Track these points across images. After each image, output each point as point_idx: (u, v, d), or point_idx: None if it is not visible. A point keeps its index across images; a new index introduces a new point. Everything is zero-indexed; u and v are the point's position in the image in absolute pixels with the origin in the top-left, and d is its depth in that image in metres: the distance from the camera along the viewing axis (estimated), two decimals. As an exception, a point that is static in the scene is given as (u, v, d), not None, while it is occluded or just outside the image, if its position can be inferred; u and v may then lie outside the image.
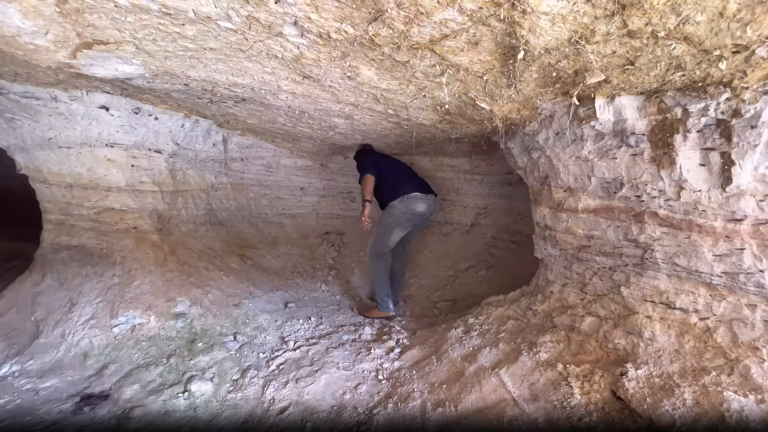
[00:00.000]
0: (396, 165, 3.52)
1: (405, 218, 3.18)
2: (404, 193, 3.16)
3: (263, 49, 1.65)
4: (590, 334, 1.86)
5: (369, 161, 3.34)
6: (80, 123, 2.79)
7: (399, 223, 3.18)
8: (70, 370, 2.39)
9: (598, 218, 1.83)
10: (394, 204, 3.16)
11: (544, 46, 1.23)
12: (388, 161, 3.50)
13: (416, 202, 3.18)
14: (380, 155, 3.61)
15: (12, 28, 1.45)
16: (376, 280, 3.25)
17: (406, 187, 3.20)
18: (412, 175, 3.46)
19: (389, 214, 3.19)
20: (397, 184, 3.22)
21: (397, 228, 3.20)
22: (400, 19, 1.19)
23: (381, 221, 3.25)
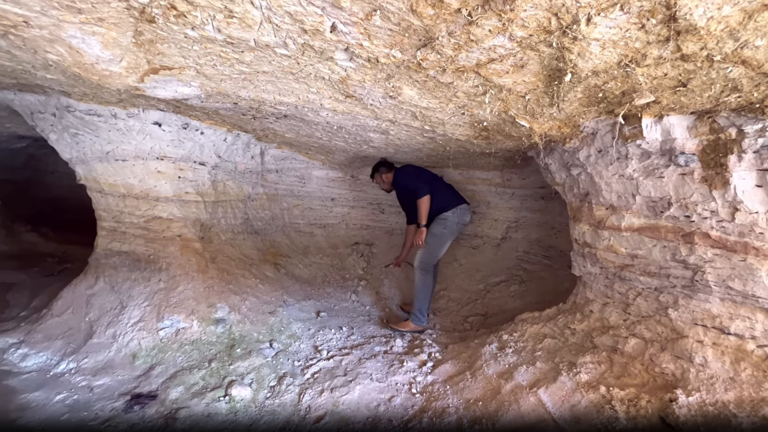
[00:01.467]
0: (434, 176, 3.53)
1: (457, 229, 3.26)
2: (455, 204, 3.25)
3: (312, 72, 1.74)
4: (635, 356, 1.81)
5: (417, 178, 3.31)
6: (135, 138, 3.00)
7: (452, 233, 3.25)
8: (121, 369, 2.54)
9: (642, 237, 1.79)
10: (447, 216, 3.21)
11: (592, 69, 1.24)
12: (427, 173, 3.51)
13: (466, 213, 3.32)
14: (418, 168, 3.57)
15: (92, 56, 1.61)
16: (422, 293, 3.22)
17: (455, 199, 3.30)
18: (451, 186, 3.54)
19: (443, 226, 3.21)
20: (445, 195, 3.30)
21: (449, 239, 3.26)
22: (449, 46, 1.25)
23: (433, 233, 3.22)
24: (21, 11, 1.34)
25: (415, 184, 3.22)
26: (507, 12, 0.99)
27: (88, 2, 1.25)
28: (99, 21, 1.37)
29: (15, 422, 2.10)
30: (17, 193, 6.63)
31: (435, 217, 3.23)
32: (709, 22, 0.94)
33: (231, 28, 1.32)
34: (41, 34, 1.49)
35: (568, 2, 0.93)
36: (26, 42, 1.58)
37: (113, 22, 1.38)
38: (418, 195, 3.16)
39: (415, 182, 3.25)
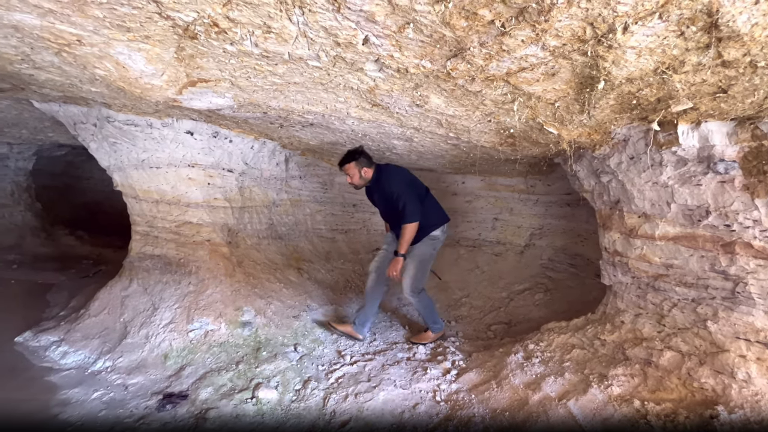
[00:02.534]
0: (425, 187, 3.02)
1: (436, 249, 2.93)
2: (444, 221, 2.90)
3: (341, 82, 1.79)
4: (671, 370, 1.74)
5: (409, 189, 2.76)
6: (169, 146, 3.14)
7: (435, 254, 2.93)
8: (153, 369, 2.64)
9: (678, 246, 1.73)
10: (437, 235, 2.84)
11: (627, 76, 1.23)
12: (418, 182, 2.99)
13: (448, 231, 3.00)
14: (410, 174, 3.00)
15: (137, 71, 1.70)
16: (426, 310, 3.01)
17: (443, 216, 2.92)
18: (437, 200, 3.09)
19: (432, 247, 2.85)
20: (436, 209, 2.90)
21: (432, 261, 2.92)
22: (480, 56, 1.26)
23: (422, 255, 2.82)
24: (76, 31, 1.44)
25: (406, 198, 2.66)
26: (541, 23, 1.00)
27: (136, 21, 1.33)
28: (145, 38, 1.46)
29: (57, 417, 2.21)
30: (56, 198, 7.01)
31: (425, 236, 2.80)
32: (753, 29, 0.92)
33: (268, 43, 1.37)
34: (92, 51, 1.60)
35: (604, 12, 0.93)
36: (77, 59, 1.69)
37: (158, 39, 1.46)
38: (408, 217, 2.62)
39: (407, 195, 2.68)
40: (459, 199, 4.59)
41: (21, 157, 5.99)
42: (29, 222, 6.12)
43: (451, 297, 4.12)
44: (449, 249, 4.70)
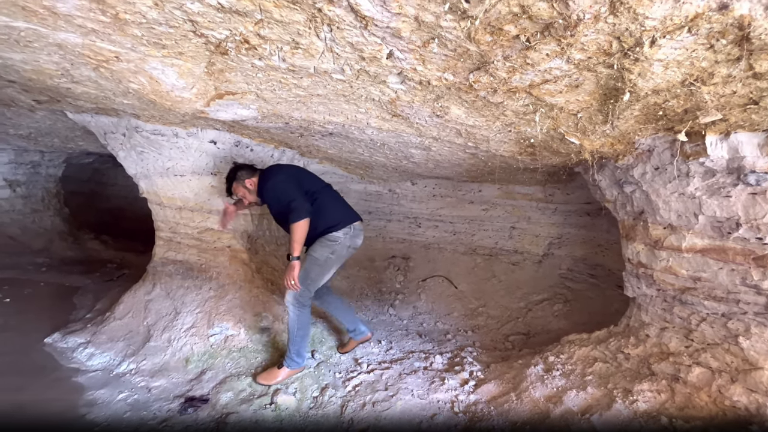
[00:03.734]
0: (320, 182, 2.67)
1: (347, 253, 2.53)
2: (349, 221, 2.50)
3: (363, 94, 1.83)
4: (700, 387, 1.69)
5: (293, 187, 2.41)
6: (193, 155, 3.24)
7: (340, 259, 2.52)
8: (175, 372, 2.70)
9: (706, 259, 1.69)
10: (337, 236, 2.44)
11: (653, 88, 1.22)
12: (310, 178, 2.63)
13: (359, 234, 2.59)
14: (297, 170, 2.68)
15: (169, 85, 1.78)
16: (298, 332, 2.50)
17: (348, 214, 2.55)
18: (341, 197, 2.73)
19: (330, 249, 2.43)
20: (336, 208, 2.54)
21: (335, 266, 2.54)
22: (503, 69, 1.27)
23: (316, 259, 2.44)
24: (114, 48, 1.52)
25: (290, 197, 2.33)
26: (567, 37, 1.01)
27: (172, 39, 1.40)
28: (179, 54, 1.52)
29: (84, 417, 2.28)
30: (83, 203, 7.29)
31: (321, 237, 2.45)
32: (787, 41, 0.91)
33: (295, 58, 1.42)
34: (127, 67, 1.68)
35: (632, 27, 0.93)
36: (113, 73, 1.77)
37: (191, 55, 1.52)
38: (294, 217, 2.28)
39: (291, 194, 2.35)
40: (475, 207, 4.57)
41: (51, 165, 6.26)
42: (57, 226, 6.37)
43: (468, 306, 4.09)
44: (465, 257, 4.68)
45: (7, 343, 3.14)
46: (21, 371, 2.73)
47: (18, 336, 3.28)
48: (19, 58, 1.77)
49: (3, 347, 3.05)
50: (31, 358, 2.94)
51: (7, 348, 3.05)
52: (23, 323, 3.54)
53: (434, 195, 4.78)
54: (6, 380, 2.58)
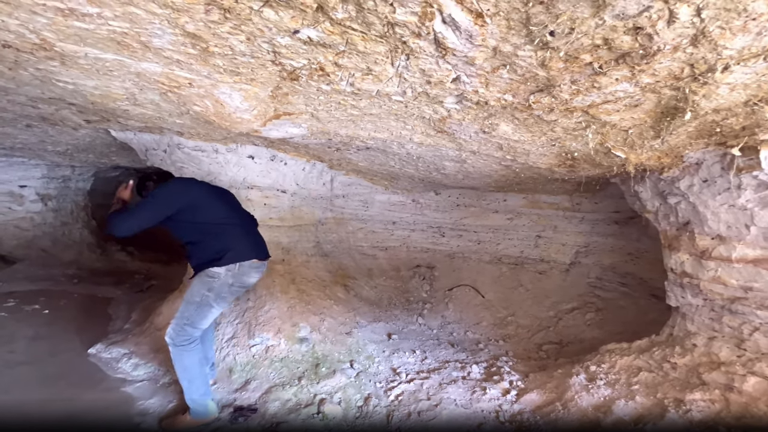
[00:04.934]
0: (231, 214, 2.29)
1: (232, 291, 2.17)
2: (238, 259, 2.13)
3: (416, 113, 1.90)
4: (757, 396, 1.71)
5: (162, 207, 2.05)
6: (232, 170, 3.35)
7: (221, 298, 2.16)
8: (219, 382, 2.76)
9: (759, 269, 1.72)
10: (217, 273, 2.10)
11: (714, 108, 1.28)
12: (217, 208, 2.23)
13: (251, 273, 2.21)
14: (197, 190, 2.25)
15: (232, 107, 1.88)
16: (187, 376, 2.19)
17: (242, 251, 2.16)
18: (251, 233, 2.38)
19: (207, 286, 2.11)
20: (228, 243, 2.14)
21: (216, 305, 2.17)
22: (567, 92, 1.34)
23: (191, 296, 2.15)
24: (190, 75, 1.62)
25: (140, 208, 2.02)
26: (641, 65, 1.08)
27: (249, 67, 1.49)
28: (250, 81, 1.62)
29: (139, 426, 2.35)
30: (109, 216, 7.47)
31: (201, 272, 2.14)
32: None
33: (364, 83, 1.50)
34: (197, 92, 1.78)
35: (708, 55, 1.00)
36: (180, 98, 1.88)
37: (261, 81, 1.62)
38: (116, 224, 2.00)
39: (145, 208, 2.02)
40: (500, 216, 4.61)
41: (81, 179, 6.46)
42: (86, 238, 6.54)
43: (496, 315, 4.11)
44: (490, 266, 4.71)
45: (52, 353, 3.24)
46: (70, 381, 2.82)
47: (61, 346, 3.39)
48: (92, 84, 1.89)
49: (49, 357, 3.15)
50: (78, 368, 3.03)
51: (53, 358, 3.15)
52: (63, 333, 3.65)
53: (458, 205, 4.84)
54: (58, 389, 2.68)
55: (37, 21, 1.26)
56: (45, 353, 3.23)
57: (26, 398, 2.53)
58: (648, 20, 0.88)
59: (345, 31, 1.13)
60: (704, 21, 0.86)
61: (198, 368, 2.21)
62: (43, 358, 3.09)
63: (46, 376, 2.81)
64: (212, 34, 1.23)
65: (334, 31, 1.14)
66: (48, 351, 3.26)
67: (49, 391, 2.63)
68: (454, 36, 1.08)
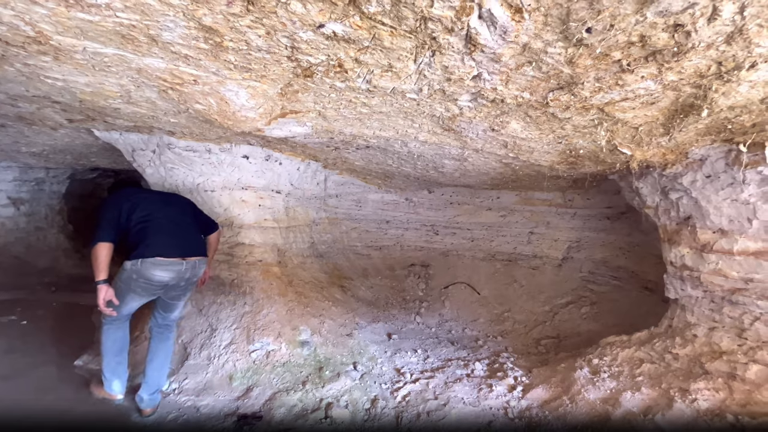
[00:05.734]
0: (160, 205, 2.53)
1: (138, 285, 2.34)
2: (143, 254, 2.32)
3: (426, 111, 1.88)
4: (759, 383, 1.77)
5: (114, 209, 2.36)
6: (225, 170, 3.24)
7: (131, 289, 2.36)
8: (220, 390, 2.67)
9: (760, 261, 1.78)
10: (125, 265, 2.35)
11: (731, 105, 1.31)
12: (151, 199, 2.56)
13: (153, 270, 2.32)
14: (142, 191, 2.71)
15: (237, 105, 1.80)
16: (102, 350, 2.45)
17: (150, 246, 2.35)
18: (176, 225, 2.51)
19: (119, 277, 2.38)
20: (142, 236, 2.36)
21: (129, 295, 2.37)
22: (590, 89, 1.34)
23: (115, 281, 2.39)
24: (197, 72, 1.54)
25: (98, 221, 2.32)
26: (671, 62, 1.09)
27: (262, 63, 1.43)
28: (261, 78, 1.56)
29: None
30: (86, 220, 7.13)
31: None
32: None
33: (381, 80, 1.47)
34: (201, 89, 1.70)
35: (739, 53, 1.01)
36: (182, 95, 1.79)
37: (272, 78, 1.56)
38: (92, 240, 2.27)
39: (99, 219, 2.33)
40: (493, 213, 4.66)
41: (56, 181, 6.14)
42: (62, 244, 6.22)
43: (492, 312, 4.15)
44: (484, 263, 4.75)
45: (34, 366, 3.06)
46: (60, 394, 2.66)
47: (43, 358, 3.20)
48: (84, 81, 1.78)
49: (31, 371, 2.97)
50: (66, 380, 2.87)
51: (36, 371, 2.97)
52: (45, 345, 3.46)
53: (451, 203, 4.86)
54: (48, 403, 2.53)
55: (35, 12, 1.16)
56: (27, 366, 3.04)
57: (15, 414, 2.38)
58: (690, 17, 0.88)
59: (374, 25, 1.09)
60: (745, 18, 0.87)
61: (112, 348, 2.46)
62: (26, 372, 2.91)
63: (33, 391, 2.65)
64: (229, 28, 1.17)
65: (362, 25, 1.10)
66: (29, 364, 3.07)
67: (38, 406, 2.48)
68: (488, 32, 1.06)
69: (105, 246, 2.26)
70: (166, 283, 2.42)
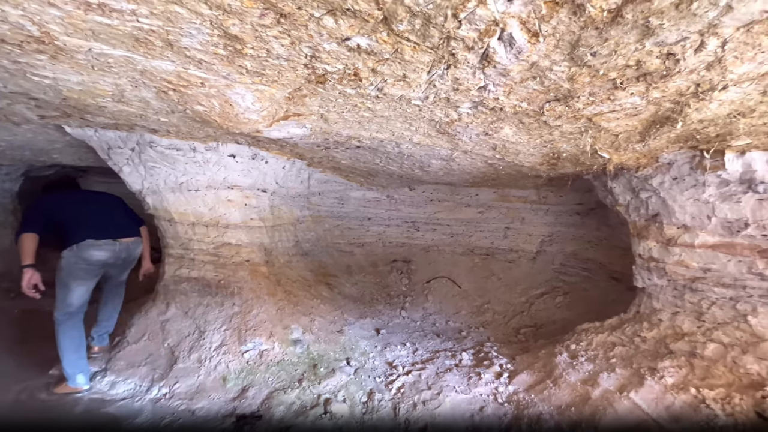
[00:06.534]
0: (82, 203, 2.88)
1: (79, 268, 2.62)
2: (75, 241, 2.62)
3: (426, 116, 1.96)
4: (716, 360, 2.03)
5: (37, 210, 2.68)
6: (211, 169, 3.17)
7: (73, 274, 2.62)
8: (214, 392, 2.65)
9: (716, 253, 2.03)
10: (62, 255, 2.64)
11: (700, 119, 1.50)
12: (73, 199, 2.89)
13: (89, 250, 2.63)
14: (65, 193, 3.03)
15: (241, 108, 1.80)
16: (61, 348, 2.65)
17: (79, 233, 2.64)
18: (101, 216, 2.84)
19: (59, 268, 2.64)
20: (71, 230, 2.66)
21: (73, 281, 2.63)
22: (584, 102, 1.48)
23: (56, 278, 2.65)
24: (205, 75, 1.53)
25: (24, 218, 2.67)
26: (658, 83, 1.23)
27: (276, 69, 1.45)
28: (271, 82, 1.57)
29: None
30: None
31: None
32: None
33: (393, 89, 1.53)
34: (206, 91, 1.69)
35: (714, 77, 1.18)
36: (183, 96, 1.76)
37: (283, 83, 1.58)
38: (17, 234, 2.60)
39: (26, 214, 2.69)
40: (472, 210, 4.85)
41: (8, 179, 5.67)
42: (17, 246, 5.76)
43: (473, 304, 4.35)
44: (464, 258, 4.95)
45: (7, 376, 2.88)
46: (41, 406, 2.54)
47: (15, 369, 3.02)
48: (76, 80, 1.71)
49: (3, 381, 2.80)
50: (45, 391, 2.73)
51: (10, 383, 2.80)
52: (14, 356, 3.25)
53: (432, 200, 5.00)
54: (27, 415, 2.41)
55: (48, 13, 1.12)
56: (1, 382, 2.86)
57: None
58: (681, 48, 1.02)
59: (399, 41, 1.16)
60: (725, 51, 1.02)
61: (68, 344, 2.67)
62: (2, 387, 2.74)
63: (8, 404, 2.51)
64: (254, 37, 1.19)
65: (387, 41, 1.16)
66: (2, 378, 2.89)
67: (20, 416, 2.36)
68: (504, 51, 1.16)
69: (29, 236, 2.55)
70: (105, 261, 2.72)
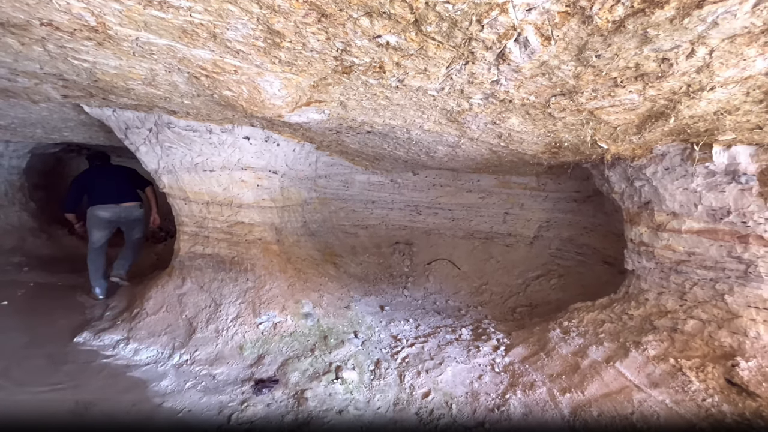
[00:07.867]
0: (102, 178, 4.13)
1: (93, 222, 4.00)
2: (90, 204, 3.99)
3: (438, 105, 2.10)
4: (694, 334, 2.25)
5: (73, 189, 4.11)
6: (226, 150, 3.29)
7: (91, 225, 4.01)
8: (231, 359, 2.85)
9: (701, 238, 2.22)
10: (87, 212, 4.01)
11: (691, 115, 1.65)
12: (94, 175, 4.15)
13: (97, 211, 3.98)
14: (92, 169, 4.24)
15: (268, 94, 1.93)
16: (89, 269, 4.01)
17: (92, 199, 3.99)
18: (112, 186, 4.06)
19: (87, 220, 4.05)
20: (90, 197, 4.01)
21: (92, 228, 4.01)
22: (587, 97, 1.63)
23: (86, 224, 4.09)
24: (240, 63, 1.66)
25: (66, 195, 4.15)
26: (653, 82, 1.38)
27: (306, 60, 1.58)
28: (300, 72, 1.70)
29: (161, 405, 2.40)
30: (49, 198, 6.72)
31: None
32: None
33: (413, 80, 1.67)
34: (237, 78, 1.81)
35: (704, 80, 1.32)
36: (214, 82, 1.88)
37: (311, 73, 1.71)
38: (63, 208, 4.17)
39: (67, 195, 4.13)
40: (473, 195, 5.02)
41: (15, 155, 5.73)
42: (26, 223, 5.89)
43: (472, 285, 4.57)
44: (464, 241, 5.14)
45: (32, 344, 3.07)
46: (68, 371, 2.73)
47: (38, 338, 3.20)
48: (114, 64, 1.82)
49: (29, 350, 2.98)
50: (70, 357, 2.92)
51: (35, 350, 2.99)
52: (36, 325, 3.43)
53: (434, 184, 5.15)
54: (57, 380, 2.60)
55: (110, 6, 1.24)
56: (21, 347, 3.05)
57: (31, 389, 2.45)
58: (675, 54, 1.16)
59: (425, 40, 1.29)
60: (712, 58, 1.17)
61: (93, 267, 4.03)
62: (23, 352, 2.93)
63: (38, 368, 2.70)
64: (294, 33, 1.32)
65: (414, 39, 1.29)
66: (24, 344, 3.07)
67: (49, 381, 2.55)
68: (519, 51, 1.30)
69: (69, 215, 4.15)
70: (108, 218, 4.02)
